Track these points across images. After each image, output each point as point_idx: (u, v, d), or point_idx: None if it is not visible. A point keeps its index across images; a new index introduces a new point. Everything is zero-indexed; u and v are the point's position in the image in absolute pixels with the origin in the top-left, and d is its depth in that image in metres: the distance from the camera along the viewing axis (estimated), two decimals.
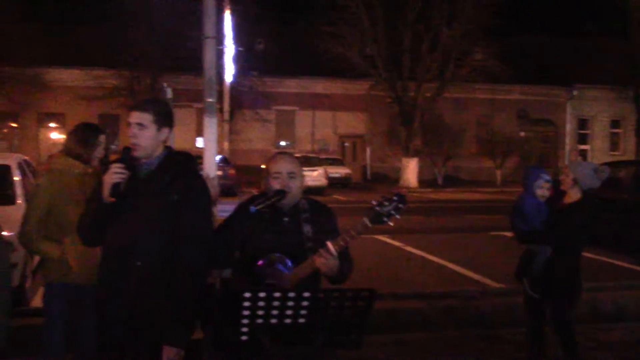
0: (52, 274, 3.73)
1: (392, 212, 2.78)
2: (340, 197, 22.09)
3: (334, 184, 26.04)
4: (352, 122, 32.69)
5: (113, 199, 2.79)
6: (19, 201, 6.93)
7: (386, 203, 2.79)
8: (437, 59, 27.24)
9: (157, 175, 2.91)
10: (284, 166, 3.08)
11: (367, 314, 2.48)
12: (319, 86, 31.99)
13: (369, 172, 32.02)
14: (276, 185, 3.03)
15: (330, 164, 27.33)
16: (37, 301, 6.17)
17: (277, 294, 2.33)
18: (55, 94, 28.12)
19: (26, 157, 8.72)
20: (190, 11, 18.79)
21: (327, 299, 2.42)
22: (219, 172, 21.48)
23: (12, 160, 7.78)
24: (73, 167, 3.75)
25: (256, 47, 30.03)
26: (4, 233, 5.20)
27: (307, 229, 3.01)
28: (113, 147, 26.05)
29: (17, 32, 24.58)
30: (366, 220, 2.82)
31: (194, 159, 3.14)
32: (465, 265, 9.08)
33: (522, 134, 33.66)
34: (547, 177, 4.73)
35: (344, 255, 2.94)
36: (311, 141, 32.62)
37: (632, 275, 8.66)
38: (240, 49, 27.21)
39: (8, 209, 6.50)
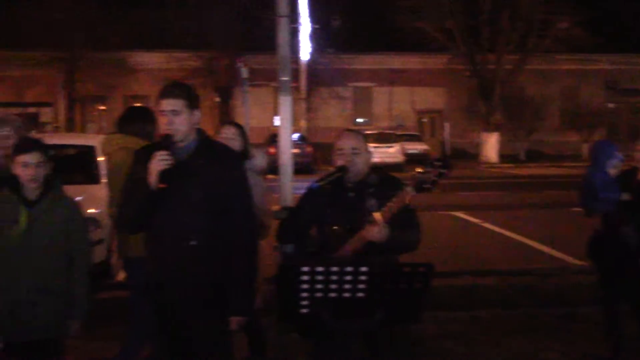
0: (128, 249, 3.88)
1: (435, 178, 2.73)
2: None
3: (412, 160, 25.75)
4: (430, 97, 32.13)
5: (163, 185, 2.82)
6: (104, 180, 7.26)
7: (429, 169, 2.76)
8: (518, 30, 26.27)
9: (198, 157, 2.95)
10: (347, 142, 3.13)
11: (425, 289, 2.47)
12: (396, 61, 31.56)
13: (447, 147, 31.47)
14: (340, 161, 3.08)
15: (408, 140, 27.04)
16: (122, 275, 6.48)
17: (334, 269, 2.36)
18: (139, 76, 29.11)
19: None
20: None
21: (384, 273, 2.43)
22: (296, 150, 21.72)
23: (96, 141, 8.14)
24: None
25: (332, 24, 29.95)
26: (91, 210, 5.49)
27: (371, 202, 3.03)
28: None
29: (103, 18, 25.60)
30: (409, 189, 2.80)
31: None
32: (545, 242, 8.81)
33: (611, 105, 32.05)
34: (621, 157, 4.52)
35: (408, 224, 2.93)
36: (388, 117, 32.34)
37: None
38: (315, 26, 27.19)
39: (93, 187, 6.82)
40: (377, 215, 2.84)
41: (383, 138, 24.62)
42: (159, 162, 2.82)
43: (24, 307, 3.18)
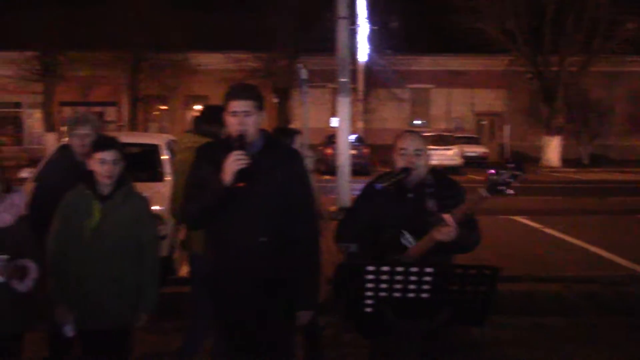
0: (195, 246, 3.98)
1: (509, 179, 2.72)
2: (476, 177, 21.53)
3: (470, 163, 25.41)
4: (490, 100, 31.63)
5: (242, 185, 2.87)
6: (167, 178, 7.46)
7: (502, 171, 2.75)
8: (583, 31, 25.54)
9: (264, 156, 3.00)
10: (410, 143, 3.13)
11: (491, 291, 2.45)
12: (455, 63, 31.19)
13: (507, 150, 30.90)
14: (402, 162, 3.09)
15: (466, 143, 26.68)
16: (184, 271, 6.64)
17: (399, 268, 2.37)
18: (200, 77, 29.70)
19: (173, 137, 9.34)
20: None
21: (450, 274, 2.42)
22: (353, 151, 21.83)
23: (160, 140, 8.39)
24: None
25: (390, 25, 29.82)
26: (155, 207, 5.67)
27: (431, 203, 3.04)
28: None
29: (165, 20, 26.24)
30: (483, 191, 2.79)
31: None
32: (610, 249, 8.55)
33: None
34: None
35: (469, 225, 2.94)
36: (446, 120, 31.99)
37: None
38: (374, 27, 27.15)
39: (158, 185, 7.02)
40: (447, 217, 2.85)
41: (441, 140, 24.36)
42: (237, 161, 2.87)
43: (96, 297, 3.31)
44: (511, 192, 2.74)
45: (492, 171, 2.76)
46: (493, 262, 2.93)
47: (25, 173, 7.56)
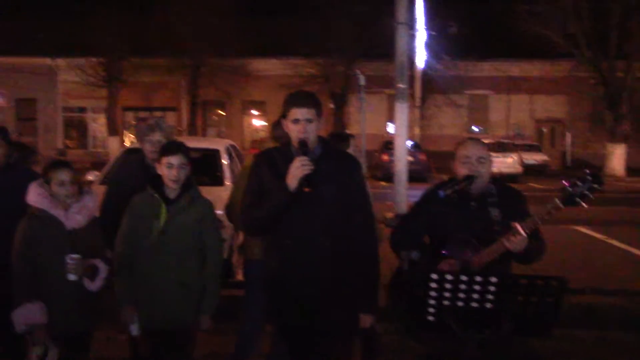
0: (252, 252, 4.02)
1: (586, 192, 2.66)
2: (536, 185, 21.06)
3: (530, 171, 24.86)
4: (551, 106, 30.86)
5: (308, 190, 2.91)
6: (227, 182, 7.59)
7: (579, 183, 2.68)
8: None
9: (324, 162, 3.02)
10: (473, 151, 3.10)
11: (557, 303, 2.40)
12: (515, 69, 30.58)
13: (568, 158, 30.08)
14: (464, 170, 3.07)
15: (526, 150, 26.13)
16: (241, 275, 6.72)
17: (464, 277, 2.35)
18: (257, 83, 30.08)
19: (233, 142, 9.50)
20: None
21: (514, 284, 2.38)
22: (410, 158, 21.66)
23: (221, 145, 8.54)
24: None
25: (449, 31, 29.50)
26: (216, 211, 5.77)
27: (494, 212, 3.02)
28: None
29: (224, 27, 26.71)
30: (558, 201, 2.73)
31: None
32: None
33: None
34: None
35: (534, 236, 2.90)
36: (506, 126, 31.39)
37: None
38: (432, 33, 26.91)
39: (217, 189, 7.14)
40: (519, 227, 2.81)
41: (500, 147, 23.89)
42: (302, 167, 2.90)
43: (161, 298, 3.40)
44: (585, 205, 2.68)
45: (566, 183, 2.69)
46: (554, 274, 2.86)
47: (91, 176, 7.84)
